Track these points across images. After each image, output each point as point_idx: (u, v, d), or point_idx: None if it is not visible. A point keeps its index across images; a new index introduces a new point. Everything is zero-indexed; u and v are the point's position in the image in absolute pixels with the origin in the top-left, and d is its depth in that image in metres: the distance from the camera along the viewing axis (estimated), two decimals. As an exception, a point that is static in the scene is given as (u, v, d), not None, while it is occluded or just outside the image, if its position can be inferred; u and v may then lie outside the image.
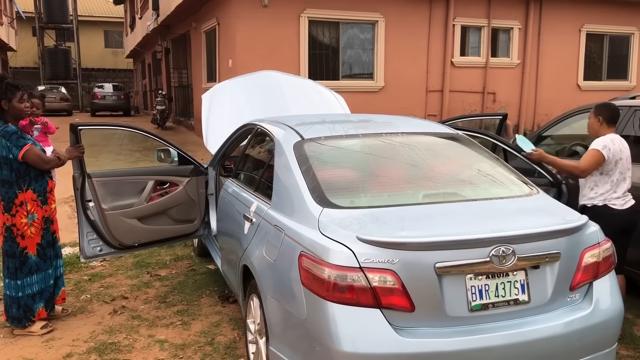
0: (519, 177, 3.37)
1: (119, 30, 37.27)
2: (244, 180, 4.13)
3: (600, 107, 4.11)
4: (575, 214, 2.93)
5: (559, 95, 14.76)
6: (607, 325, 2.77)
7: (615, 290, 2.88)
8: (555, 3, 14.54)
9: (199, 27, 15.96)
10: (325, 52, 13.07)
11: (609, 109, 4.04)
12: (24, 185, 3.88)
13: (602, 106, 4.12)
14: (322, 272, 2.49)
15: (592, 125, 4.11)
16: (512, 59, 14.61)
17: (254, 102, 5.86)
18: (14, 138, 3.80)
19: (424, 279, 2.48)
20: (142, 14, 24.22)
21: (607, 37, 15.62)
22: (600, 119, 4.04)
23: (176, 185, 4.71)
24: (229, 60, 12.85)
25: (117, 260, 5.63)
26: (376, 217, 2.71)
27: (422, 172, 3.30)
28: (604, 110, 4.06)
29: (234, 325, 4.11)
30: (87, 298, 4.69)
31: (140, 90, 33.14)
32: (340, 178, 3.23)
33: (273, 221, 3.07)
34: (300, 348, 2.66)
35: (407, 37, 13.43)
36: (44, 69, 32.75)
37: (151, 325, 4.14)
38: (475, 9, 13.95)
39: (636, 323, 4.17)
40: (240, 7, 12.18)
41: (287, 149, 3.29)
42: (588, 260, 2.78)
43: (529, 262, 2.62)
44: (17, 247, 3.91)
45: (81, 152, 4.21)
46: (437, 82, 13.96)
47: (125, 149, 13.97)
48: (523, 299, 2.62)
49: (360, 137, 3.55)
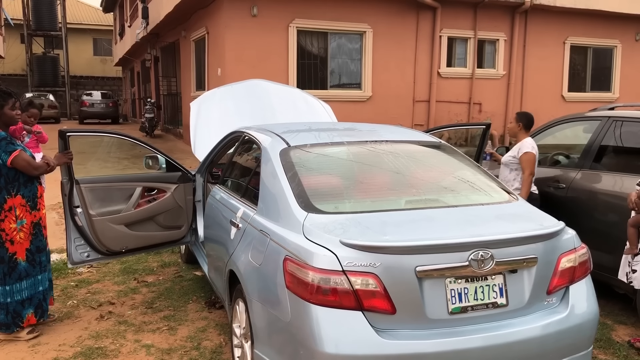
0: (499, 184, 3.46)
1: (108, 38, 37.23)
2: (231, 186, 4.19)
3: (521, 115, 5.09)
4: (552, 220, 3.02)
5: (544, 105, 14.97)
6: (582, 328, 2.85)
7: (591, 295, 2.96)
8: (540, 16, 14.79)
9: (189, 35, 16.02)
10: (314, 61, 13.18)
11: (527, 117, 5.04)
12: (13, 190, 3.91)
13: (522, 114, 5.10)
14: (306, 276, 2.55)
15: (512, 129, 5.11)
16: (497, 70, 14.81)
17: (242, 110, 5.93)
18: (3, 144, 3.83)
19: (405, 282, 2.55)
20: (131, 22, 24.24)
21: (591, 49, 15.90)
22: (520, 124, 5.02)
23: (164, 191, 4.75)
24: (218, 69, 12.91)
25: (105, 267, 5.64)
26: (359, 222, 2.78)
27: (405, 179, 3.38)
28: (524, 117, 5.05)
29: (220, 330, 4.15)
30: (73, 304, 4.70)
31: (129, 98, 33.08)
32: (325, 184, 3.29)
33: (259, 226, 3.13)
34: (285, 351, 2.71)
35: (394, 47, 13.58)
36: (32, 76, 32.61)
37: (138, 331, 4.17)
38: (461, 20, 14.15)
39: (615, 328, 4.26)
40: (229, 16, 12.26)
41: (274, 155, 3.35)
42: (564, 264, 2.86)
43: (507, 266, 2.70)
44: (5, 252, 3.92)
45: (70, 158, 4.25)
46: (424, 93, 14.11)
47: (114, 156, 13.96)
48: (501, 302, 2.70)
49: (345, 144, 3.63)
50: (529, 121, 5.03)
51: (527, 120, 5.03)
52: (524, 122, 5.02)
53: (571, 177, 4.86)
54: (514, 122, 5.09)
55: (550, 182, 5.02)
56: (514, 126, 5.08)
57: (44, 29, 32.56)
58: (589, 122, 5.10)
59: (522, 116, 5.07)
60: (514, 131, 5.10)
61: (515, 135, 5.10)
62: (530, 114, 5.09)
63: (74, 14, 37.31)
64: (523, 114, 5.11)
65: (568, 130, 5.55)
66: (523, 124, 5.02)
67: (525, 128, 5.03)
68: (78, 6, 39.83)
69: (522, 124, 5.02)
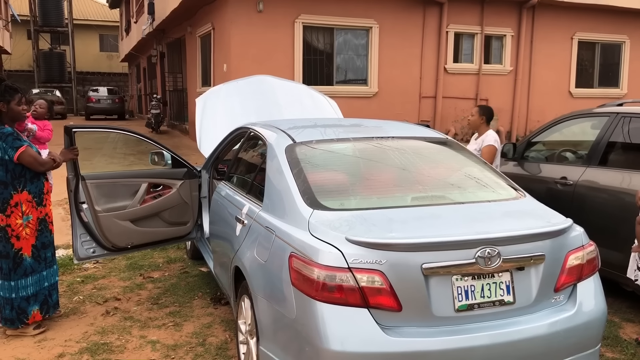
0: (507, 181, 3.44)
1: (114, 34, 37.31)
2: (237, 183, 4.18)
3: (484, 108, 5.32)
4: (560, 217, 2.99)
5: (551, 102, 14.90)
6: (590, 326, 2.82)
7: (599, 292, 2.94)
8: (547, 11, 14.69)
9: (194, 31, 16.01)
10: (320, 57, 13.15)
11: (489, 111, 5.29)
12: (20, 186, 3.91)
13: (485, 108, 5.34)
14: (312, 273, 2.54)
15: (475, 122, 5.27)
16: (504, 65, 14.74)
17: (248, 106, 5.92)
18: (10, 139, 3.84)
19: (411, 279, 2.53)
20: (137, 18, 24.26)
21: (599, 45, 15.79)
22: (483, 118, 5.23)
23: (169, 188, 4.75)
24: (224, 64, 12.90)
25: (110, 262, 5.65)
26: (365, 219, 2.77)
27: (411, 176, 3.36)
28: (487, 111, 5.28)
29: (226, 326, 4.15)
30: (79, 299, 4.71)
31: (135, 94, 33.14)
32: (330, 181, 3.28)
33: (264, 223, 3.12)
34: (290, 347, 2.71)
35: (400, 43, 13.53)
36: (38, 72, 32.71)
37: (143, 326, 4.17)
38: (468, 16, 14.08)
39: (622, 326, 4.23)
40: (235, 12, 12.25)
41: (279, 152, 3.34)
42: (572, 262, 2.84)
43: (514, 263, 2.68)
44: (11, 247, 3.93)
45: (75, 154, 4.25)
46: (431, 89, 14.07)
47: (119, 152, 13.99)
48: (508, 299, 2.68)
49: (351, 141, 3.62)
50: (490, 115, 5.28)
51: (489, 114, 5.27)
52: (487, 115, 5.25)
53: (579, 174, 4.82)
54: (476, 115, 5.27)
55: (557, 179, 4.98)
56: (477, 119, 5.26)
57: (50, 25, 32.63)
58: (597, 118, 5.05)
59: (485, 110, 5.29)
60: (476, 124, 5.28)
61: (476, 128, 5.30)
62: (491, 107, 5.36)
63: (81, 9, 37.40)
64: (485, 108, 5.35)
65: (575, 126, 5.51)
66: (486, 117, 5.24)
67: (487, 121, 5.25)
68: (84, 2, 39.90)
69: (485, 117, 5.24)
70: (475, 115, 5.29)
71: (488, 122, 5.26)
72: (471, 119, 5.35)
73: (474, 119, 5.30)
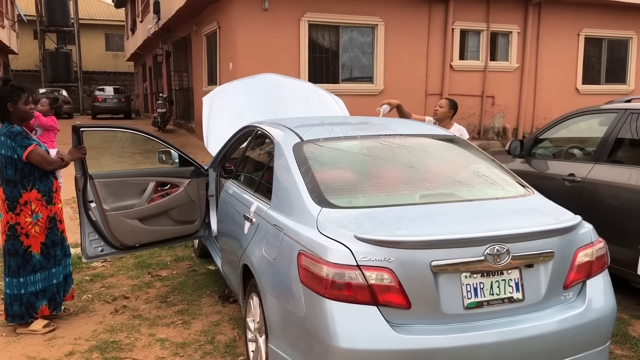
0: (515, 178, 3.43)
1: (120, 34, 37.39)
2: (244, 181, 4.19)
3: (453, 102, 5.39)
4: (568, 214, 2.98)
5: (558, 98, 14.83)
6: (600, 324, 2.82)
7: (608, 289, 2.93)
8: (553, 8, 14.62)
9: (200, 30, 16.04)
10: (325, 55, 13.14)
11: (456, 105, 5.40)
12: (29, 185, 3.94)
13: (454, 102, 5.42)
14: (321, 270, 2.54)
15: (444, 114, 5.29)
16: (511, 62, 14.68)
17: (254, 105, 5.92)
18: (18, 138, 3.87)
19: (420, 277, 2.54)
20: (143, 17, 24.31)
21: (606, 41, 15.70)
22: (452, 111, 5.32)
23: (177, 186, 4.76)
24: (230, 63, 12.92)
25: (119, 261, 5.68)
26: (373, 217, 2.77)
27: (419, 173, 3.36)
28: (455, 105, 5.38)
29: (234, 324, 4.17)
30: (88, 298, 4.74)
31: (141, 93, 33.23)
32: (338, 179, 3.28)
33: (272, 221, 3.13)
34: (299, 345, 2.71)
35: (406, 40, 13.50)
36: (45, 72, 32.87)
37: (152, 325, 4.19)
38: (474, 13, 14.03)
39: (631, 323, 4.22)
40: (240, 10, 12.25)
41: (287, 150, 3.34)
42: (581, 259, 2.83)
43: (523, 260, 2.67)
44: (20, 245, 3.96)
45: (83, 153, 4.28)
46: (437, 86, 14.03)
47: (127, 151, 14.04)
48: (517, 297, 2.68)
49: (359, 138, 3.62)
50: (456, 109, 5.40)
51: (456, 109, 5.39)
52: (455, 110, 5.36)
53: (587, 171, 4.81)
54: (445, 108, 5.29)
55: (565, 176, 4.96)
56: (446, 111, 5.29)
57: (56, 24, 32.78)
58: (605, 114, 5.03)
59: (455, 104, 5.39)
60: (444, 116, 5.29)
61: (442, 120, 5.27)
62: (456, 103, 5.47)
63: (86, 9, 37.51)
64: (454, 102, 5.42)
65: (583, 123, 5.48)
66: (454, 112, 5.35)
67: (454, 115, 5.37)
68: (90, 2, 40.03)
69: (454, 111, 5.35)
70: (444, 107, 5.30)
71: (454, 115, 5.37)
72: (439, 110, 5.32)
73: (442, 110, 5.30)
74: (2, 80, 4.03)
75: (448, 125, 5.20)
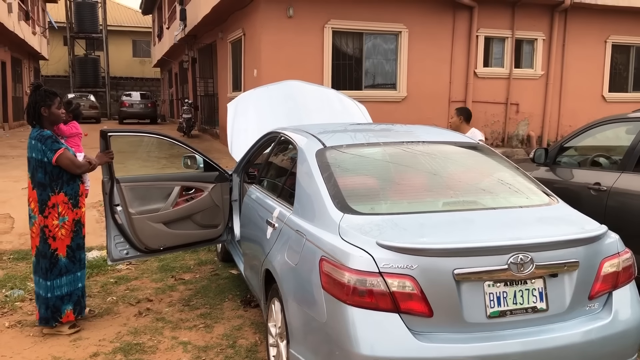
0: (539, 186, 3.39)
1: (147, 40, 37.97)
2: (267, 186, 4.22)
3: (460, 109, 5.87)
4: (594, 223, 2.94)
5: (584, 106, 14.61)
6: (626, 336, 2.77)
7: (635, 301, 2.88)
8: (580, 14, 14.43)
9: (225, 37, 16.20)
10: (349, 62, 13.16)
11: (466, 111, 5.82)
12: (57, 187, 4.02)
13: (461, 109, 5.90)
14: (342, 277, 2.55)
15: (455, 122, 5.74)
16: (535, 70, 14.52)
17: (278, 111, 5.96)
18: (49, 142, 3.96)
19: (442, 285, 2.53)
20: (169, 24, 24.67)
21: (634, 48, 15.43)
22: (461, 117, 5.71)
23: (201, 191, 4.82)
24: (254, 69, 13.02)
25: (143, 264, 5.76)
26: (396, 224, 2.77)
27: (442, 181, 3.34)
28: (463, 111, 5.81)
29: (256, 329, 4.19)
30: (113, 300, 4.81)
31: (167, 98, 33.66)
32: (361, 185, 3.29)
33: (295, 226, 3.14)
34: (321, 351, 2.72)
35: (430, 47, 13.45)
36: (74, 77, 33.55)
37: (175, 328, 4.23)
38: (499, 20, 13.92)
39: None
40: (265, 17, 12.35)
41: (310, 156, 3.36)
42: (607, 269, 2.79)
43: (547, 270, 2.65)
44: (48, 248, 4.04)
45: (111, 157, 4.36)
46: (460, 93, 13.94)
47: (153, 155, 14.22)
48: (541, 306, 2.65)
49: (381, 145, 3.62)
50: (468, 114, 5.77)
51: (466, 114, 5.76)
52: (464, 115, 5.74)
53: (613, 180, 4.73)
54: (455, 117, 5.78)
55: (591, 185, 4.89)
56: (457, 120, 5.74)
57: (85, 31, 33.50)
58: (633, 123, 4.95)
59: (462, 110, 5.83)
60: (456, 124, 5.71)
61: (457, 129, 5.57)
62: (468, 108, 5.86)
63: (114, 16, 38.19)
64: (462, 109, 5.90)
65: (610, 131, 5.40)
66: (464, 117, 5.71)
67: (466, 121, 5.71)
68: (118, 9, 40.78)
69: (463, 117, 5.71)
70: (454, 117, 5.81)
71: (467, 120, 5.71)
72: (451, 121, 5.83)
73: (453, 120, 5.78)
74: (34, 86, 4.14)
75: (464, 131, 5.50)
